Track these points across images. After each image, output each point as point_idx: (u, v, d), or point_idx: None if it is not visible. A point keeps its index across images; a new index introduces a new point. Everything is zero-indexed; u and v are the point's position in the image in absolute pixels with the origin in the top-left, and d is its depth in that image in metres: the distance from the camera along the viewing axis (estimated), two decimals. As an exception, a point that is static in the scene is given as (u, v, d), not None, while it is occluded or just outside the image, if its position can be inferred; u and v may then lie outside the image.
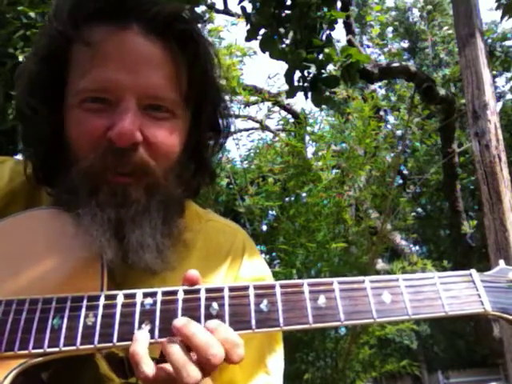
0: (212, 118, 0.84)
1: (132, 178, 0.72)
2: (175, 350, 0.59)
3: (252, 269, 0.87)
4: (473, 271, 0.70)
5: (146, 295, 0.64)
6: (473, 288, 0.68)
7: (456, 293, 0.67)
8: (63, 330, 0.62)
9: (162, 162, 0.74)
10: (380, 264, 5.74)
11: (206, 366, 0.59)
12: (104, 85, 0.71)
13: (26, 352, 0.61)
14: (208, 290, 0.64)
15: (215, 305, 0.63)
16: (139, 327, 0.62)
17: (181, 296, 0.64)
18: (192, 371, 0.58)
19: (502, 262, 0.73)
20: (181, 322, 0.61)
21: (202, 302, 0.64)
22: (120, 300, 0.64)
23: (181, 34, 0.75)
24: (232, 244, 0.88)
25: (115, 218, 0.70)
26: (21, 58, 2.86)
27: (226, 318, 0.63)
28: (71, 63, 0.75)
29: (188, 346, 0.60)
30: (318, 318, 0.63)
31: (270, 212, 5.46)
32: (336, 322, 0.64)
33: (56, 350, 0.61)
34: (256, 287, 0.65)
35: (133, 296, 0.64)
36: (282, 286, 0.65)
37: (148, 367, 0.58)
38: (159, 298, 0.64)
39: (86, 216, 0.69)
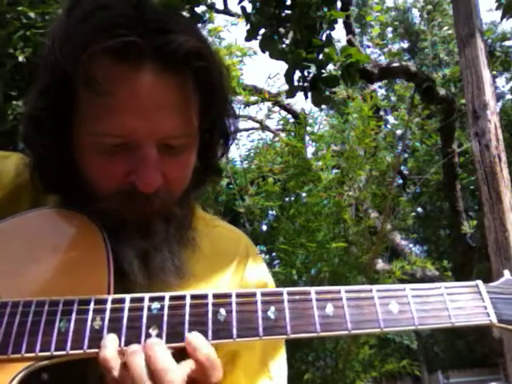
0: (223, 129, 0.84)
1: (153, 212, 0.74)
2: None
3: (256, 274, 0.88)
4: (479, 282, 0.70)
5: (153, 299, 0.64)
6: (479, 299, 0.68)
7: (462, 304, 0.67)
8: (70, 333, 0.62)
9: (177, 193, 0.76)
10: (380, 264, 5.74)
11: None
12: (122, 132, 0.70)
13: (32, 355, 0.61)
14: (215, 296, 0.65)
15: (223, 311, 0.63)
16: (146, 332, 0.62)
17: (188, 301, 0.64)
18: None
19: (507, 273, 0.72)
20: (152, 341, 0.61)
21: (210, 308, 0.64)
22: (127, 304, 0.64)
23: (197, 70, 0.72)
24: (236, 249, 0.89)
25: (141, 247, 0.73)
26: (21, 59, 2.86)
27: (234, 324, 0.63)
28: (79, 99, 0.71)
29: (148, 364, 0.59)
30: (325, 327, 0.63)
31: (270, 212, 5.47)
32: (343, 330, 0.63)
33: (63, 353, 0.61)
34: (263, 294, 0.65)
35: (140, 300, 0.64)
36: (289, 294, 0.65)
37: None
38: (167, 302, 0.64)
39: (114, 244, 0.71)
